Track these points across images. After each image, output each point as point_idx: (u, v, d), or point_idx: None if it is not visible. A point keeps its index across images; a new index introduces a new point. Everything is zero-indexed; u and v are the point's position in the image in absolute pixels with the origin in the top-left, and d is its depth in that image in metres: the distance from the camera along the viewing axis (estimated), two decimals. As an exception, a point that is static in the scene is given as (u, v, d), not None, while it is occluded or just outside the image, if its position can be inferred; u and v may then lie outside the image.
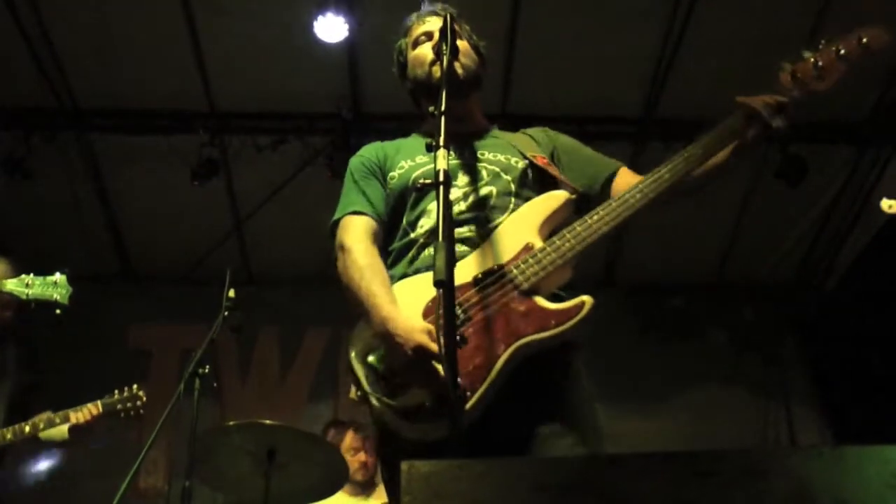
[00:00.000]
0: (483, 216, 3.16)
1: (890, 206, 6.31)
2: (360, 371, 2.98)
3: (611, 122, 9.03)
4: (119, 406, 6.09)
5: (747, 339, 10.45)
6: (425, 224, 3.19)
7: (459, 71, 3.35)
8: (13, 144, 8.72)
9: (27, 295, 4.91)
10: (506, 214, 3.15)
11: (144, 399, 6.14)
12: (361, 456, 6.78)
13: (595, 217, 3.00)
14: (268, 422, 5.56)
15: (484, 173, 3.29)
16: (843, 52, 3.17)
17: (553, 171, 3.34)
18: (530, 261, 2.93)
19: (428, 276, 2.94)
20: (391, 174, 3.36)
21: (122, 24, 8.25)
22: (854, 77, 3.11)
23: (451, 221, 2.45)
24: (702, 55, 8.47)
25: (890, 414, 8.46)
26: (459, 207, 3.17)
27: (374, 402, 2.91)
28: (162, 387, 9.16)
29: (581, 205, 3.27)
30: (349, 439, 6.96)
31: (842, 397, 9.89)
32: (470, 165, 3.31)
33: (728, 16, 8.17)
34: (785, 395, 10.23)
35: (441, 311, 2.35)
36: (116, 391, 6.22)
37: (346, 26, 7.84)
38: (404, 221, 3.26)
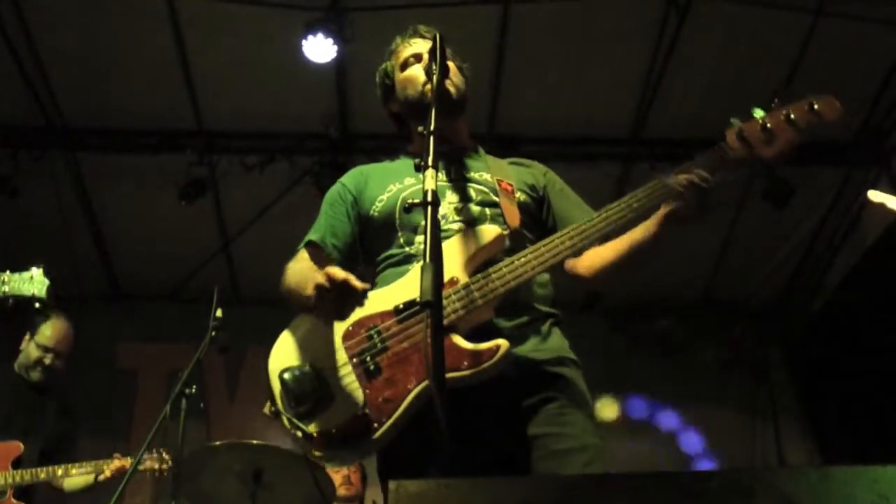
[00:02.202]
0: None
1: (877, 196, 6.30)
2: (275, 387, 2.95)
3: (598, 142, 9.06)
4: (148, 464, 6.16)
5: (735, 359, 10.47)
6: (422, 240, 3.14)
7: (452, 90, 3.35)
8: (0, 162, 8.70)
9: (4, 292, 4.90)
10: None
11: (171, 463, 6.19)
12: (344, 470, 6.77)
13: (522, 260, 2.94)
14: (254, 442, 5.55)
15: (472, 192, 3.28)
16: (792, 116, 3.04)
17: (504, 198, 3.28)
18: (453, 297, 2.89)
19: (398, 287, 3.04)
20: (380, 197, 3.33)
21: (111, 42, 8.26)
22: (840, 98, 3.08)
23: (438, 241, 2.43)
24: (689, 76, 8.51)
25: (876, 432, 8.48)
26: (449, 226, 3.15)
27: (284, 421, 2.90)
28: (148, 406, 9.15)
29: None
30: None
31: (829, 416, 9.91)
32: (459, 185, 3.30)
33: (715, 37, 8.21)
34: (773, 413, 10.25)
35: (429, 332, 2.33)
36: (146, 451, 6.28)
37: (335, 47, 7.86)
38: (401, 239, 3.22)
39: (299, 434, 2.85)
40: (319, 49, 7.90)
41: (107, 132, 8.94)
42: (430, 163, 2.59)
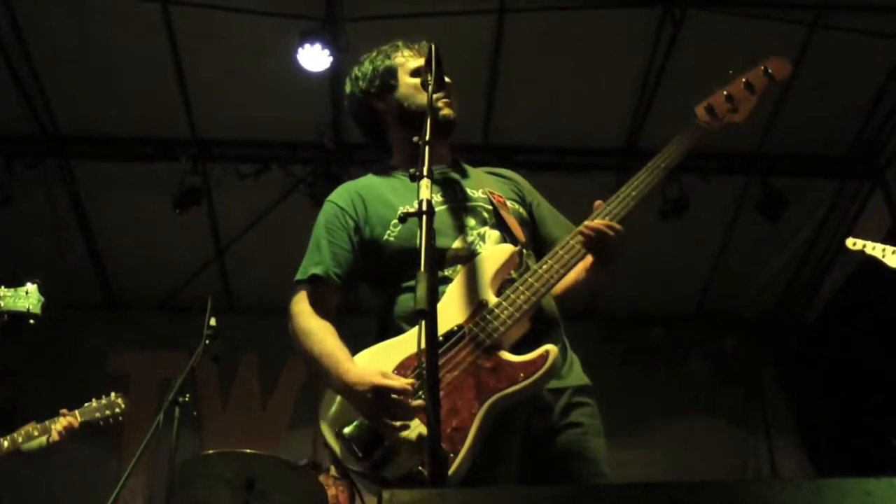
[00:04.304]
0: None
1: (854, 244, 6.51)
2: (336, 447, 2.92)
3: (593, 153, 9.06)
4: (97, 415, 6.00)
5: (727, 371, 10.48)
6: (453, 270, 3.14)
7: (454, 117, 3.40)
8: (-6, 170, 8.70)
9: None
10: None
11: (123, 406, 6.06)
12: (332, 489, 6.71)
13: (545, 267, 3.00)
14: (247, 450, 5.54)
15: (486, 214, 3.30)
16: (750, 82, 3.35)
17: (504, 212, 3.32)
18: (488, 317, 2.92)
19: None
20: (393, 222, 3.27)
21: (106, 50, 8.25)
22: (834, 111, 3.18)
23: (432, 250, 2.44)
24: (684, 87, 8.52)
25: (870, 445, 8.47)
26: (477, 249, 3.18)
27: (356, 477, 2.89)
28: (141, 415, 9.11)
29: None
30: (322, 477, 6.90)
31: (821, 429, 9.91)
32: (465, 205, 3.31)
33: (710, 48, 8.22)
34: (765, 426, 10.25)
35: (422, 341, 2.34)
36: (94, 399, 6.04)
37: (329, 56, 7.86)
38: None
39: (375, 484, 2.82)
40: (314, 58, 7.88)
41: (101, 140, 8.94)
42: (424, 172, 2.62)
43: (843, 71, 8.44)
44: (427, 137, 2.77)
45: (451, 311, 2.92)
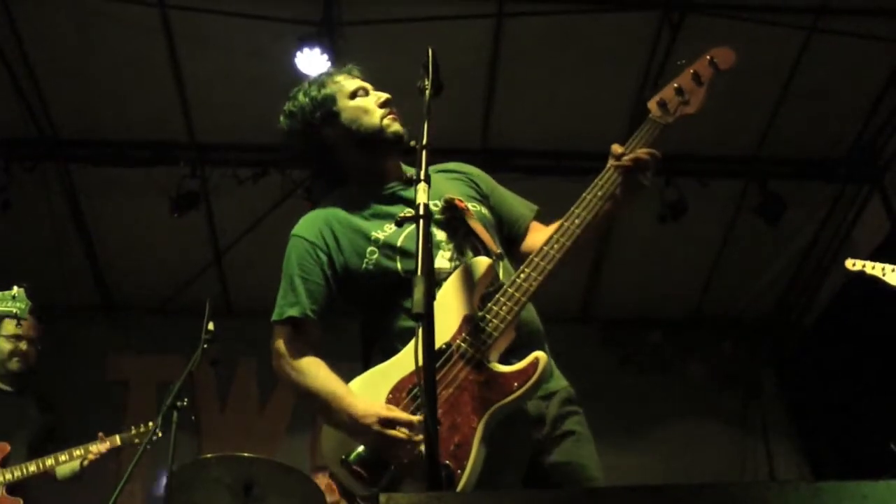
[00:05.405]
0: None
1: (853, 265, 6.61)
2: (342, 475, 2.91)
3: (591, 157, 9.04)
4: (137, 440, 6.20)
5: (726, 374, 10.48)
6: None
7: (403, 131, 3.40)
8: (-7, 174, 8.69)
9: None
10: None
11: (160, 434, 6.17)
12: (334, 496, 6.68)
13: (522, 276, 2.99)
14: (245, 454, 5.53)
15: (454, 226, 3.28)
16: (697, 72, 3.36)
17: (471, 221, 3.28)
18: (475, 332, 2.94)
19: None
20: (369, 249, 3.24)
21: (104, 54, 8.26)
22: (832, 115, 3.16)
23: (430, 255, 2.44)
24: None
25: (867, 449, 8.47)
26: (454, 263, 3.18)
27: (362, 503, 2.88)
28: (139, 419, 9.10)
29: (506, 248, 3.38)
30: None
31: (820, 432, 9.91)
32: (438, 221, 3.26)
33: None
34: (763, 429, 10.25)
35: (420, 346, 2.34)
36: (133, 427, 6.40)
37: (328, 60, 7.85)
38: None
39: None
40: (312, 62, 7.88)
41: (99, 144, 8.95)
42: (421, 177, 2.63)
43: (842, 74, 8.45)
44: (424, 142, 2.79)
45: (437, 329, 2.79)
